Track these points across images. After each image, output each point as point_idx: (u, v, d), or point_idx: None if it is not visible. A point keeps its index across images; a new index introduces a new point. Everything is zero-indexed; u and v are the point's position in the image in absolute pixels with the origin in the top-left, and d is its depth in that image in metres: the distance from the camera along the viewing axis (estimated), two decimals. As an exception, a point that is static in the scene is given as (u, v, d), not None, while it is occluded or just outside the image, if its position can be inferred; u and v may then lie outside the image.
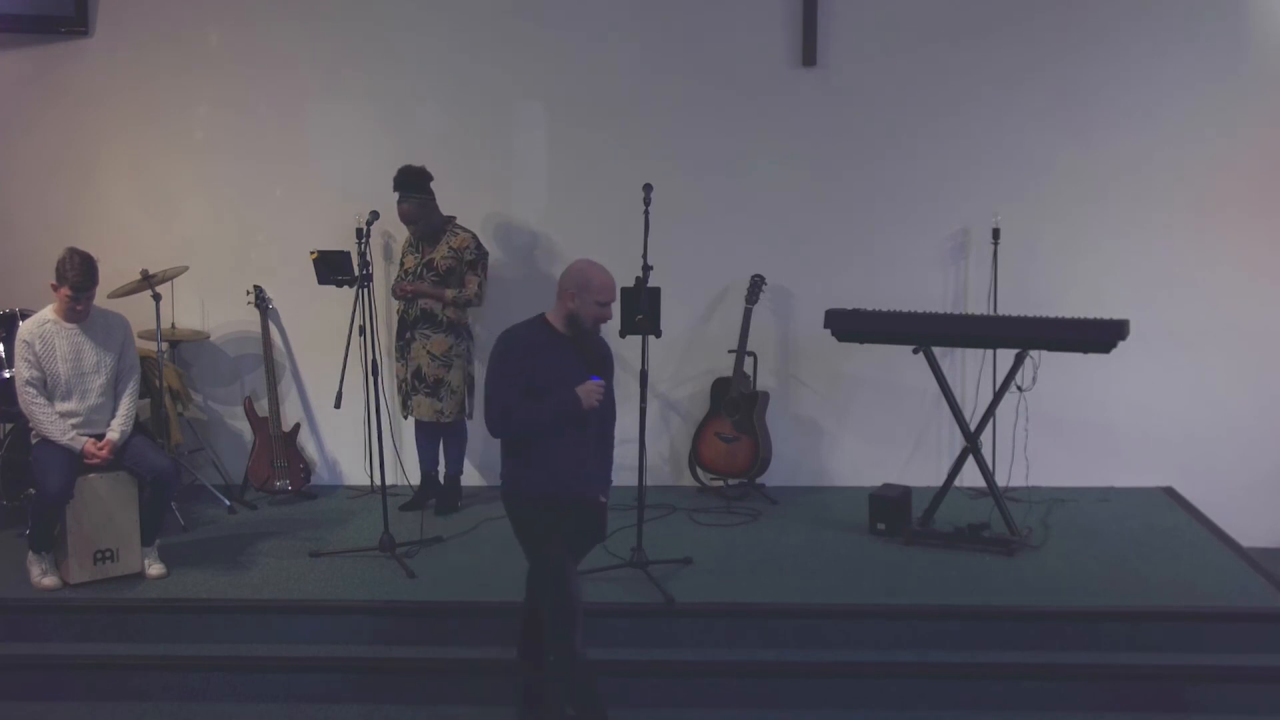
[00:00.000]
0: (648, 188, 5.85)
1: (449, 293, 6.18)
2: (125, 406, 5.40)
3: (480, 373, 6.85)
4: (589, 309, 4.20)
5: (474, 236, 6.28)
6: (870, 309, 6.02)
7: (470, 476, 6.89)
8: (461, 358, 6.30)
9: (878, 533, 5.91)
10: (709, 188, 6.71)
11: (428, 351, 6.24)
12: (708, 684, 4.79)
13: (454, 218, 6.34)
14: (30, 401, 5.23)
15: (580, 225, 6.76)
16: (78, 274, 5.17)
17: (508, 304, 6.81)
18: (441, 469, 6.50)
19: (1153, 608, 4.98)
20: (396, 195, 6.16)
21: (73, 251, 5.21)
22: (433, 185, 6.22)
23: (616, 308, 4.41)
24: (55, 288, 5.24)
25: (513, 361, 4.17)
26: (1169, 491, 6.59)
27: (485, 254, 6.34)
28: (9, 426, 6.16)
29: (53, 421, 5.23)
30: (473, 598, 5.17)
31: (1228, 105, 6.48)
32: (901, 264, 6.65)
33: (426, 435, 6.45)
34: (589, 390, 4.19)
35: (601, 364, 4.34)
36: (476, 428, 6.36)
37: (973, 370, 6.60)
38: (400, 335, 6.37)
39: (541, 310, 4.37)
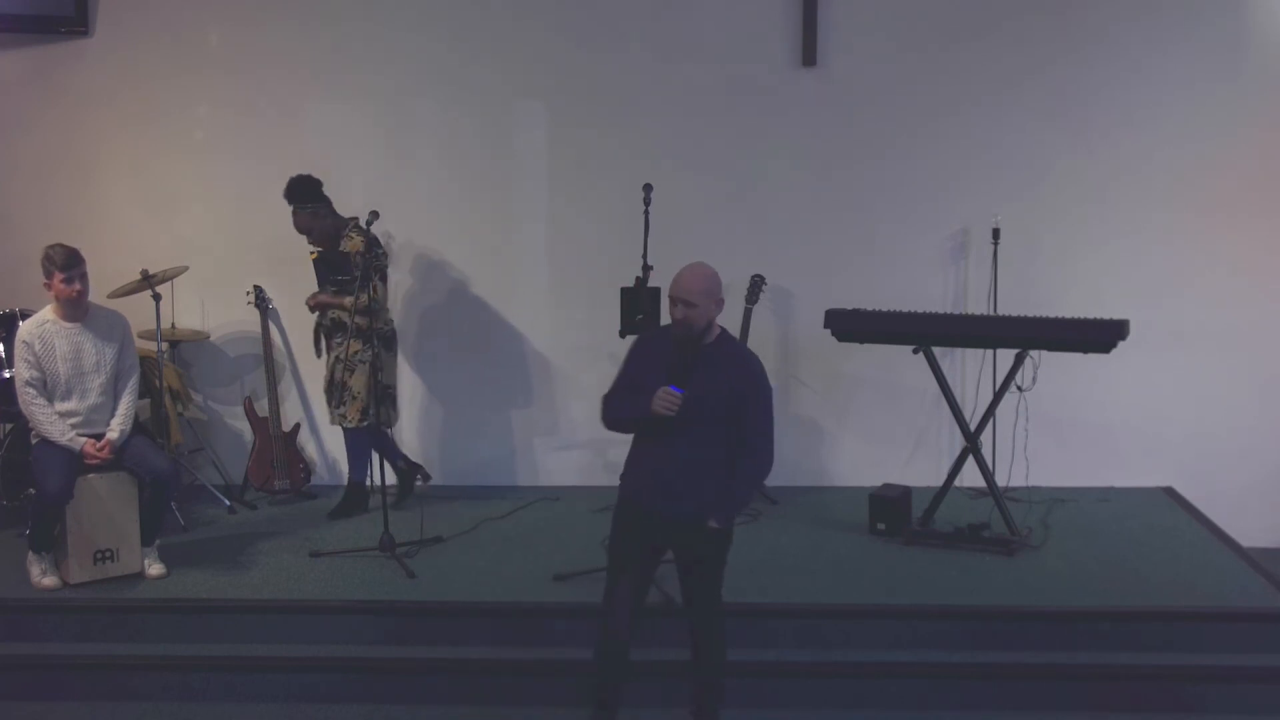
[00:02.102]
0: (648, 188, 5.84)
1: (347, 299, 6.01)
2: (125, 405, 5.39)
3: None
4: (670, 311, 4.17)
5: (365, 239, 5.93)
6: (870, 309, 6.02)
7: (458, 477, 6.90)
8: (367, 364, 6.08)
9: (878, 533, 5.91)
10: (709, 188, 6.71)
11: (337, 357, 6.17)
12: (708, 684, 4.78)
13: (355, 219, 6.11)
14: (30, 402, 5.23)
15: (580, 225, 6.76)
16: (62, 254, 5.20)
17: (507, 305, 6.83)
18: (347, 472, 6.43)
19: (1153, 608, 4.98)
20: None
21: (48, 246, 5.25)
22: (328, 191, 6.16)
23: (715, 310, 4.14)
24: (47, 285, 5.25)
25: (627, 358, 4.29)
26: (1169, 491, 6.58)
27: (379, 254, 6.10)
28: (9, 426, 6.15)
29: (52, 422, 5.23)
30: (473, 598, 5.17)
31: (1228, 105, 6.48)
32: (901, 264, 6.64)
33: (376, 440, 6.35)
34: (658, 396, 4.04)
35: (703, 373, 4.06)
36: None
37: (973, 370, 6.59)
38: (315, 344, 6.33)
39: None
